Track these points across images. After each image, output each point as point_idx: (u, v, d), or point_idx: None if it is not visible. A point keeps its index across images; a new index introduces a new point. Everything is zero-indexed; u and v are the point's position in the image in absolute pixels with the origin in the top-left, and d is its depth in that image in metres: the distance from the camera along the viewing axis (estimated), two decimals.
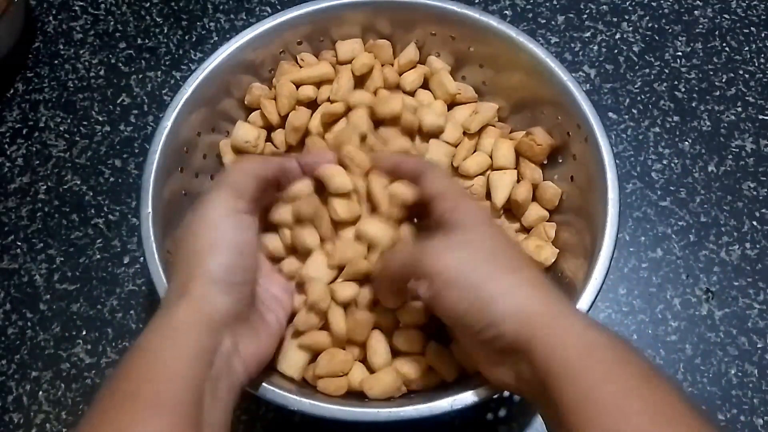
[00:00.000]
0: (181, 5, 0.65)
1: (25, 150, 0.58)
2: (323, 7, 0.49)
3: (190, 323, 0.32)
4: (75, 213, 0.56)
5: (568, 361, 0.30)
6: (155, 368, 0.31)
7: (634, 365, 0.30)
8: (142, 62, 0.62)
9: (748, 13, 0.64)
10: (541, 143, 0.47)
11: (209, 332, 0.32)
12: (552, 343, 0.31)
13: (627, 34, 0.63)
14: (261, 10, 0.64)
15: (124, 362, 0.32)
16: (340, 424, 0.38)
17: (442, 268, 0.34)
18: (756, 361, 0.50)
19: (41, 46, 0.63)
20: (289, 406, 0.38)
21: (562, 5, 0.64)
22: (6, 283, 0.53)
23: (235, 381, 0.34)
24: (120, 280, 0.53)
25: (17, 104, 0.60)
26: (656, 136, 0.58)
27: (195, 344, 0.32)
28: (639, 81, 0.61)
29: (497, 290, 0.33)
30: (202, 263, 0.34)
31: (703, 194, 0.56)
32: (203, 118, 0.47)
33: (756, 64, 0.61)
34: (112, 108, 0.60)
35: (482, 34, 0.49)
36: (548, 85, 0.47)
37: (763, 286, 0.53)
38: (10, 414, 0.49)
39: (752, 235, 0.54)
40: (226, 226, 0.35)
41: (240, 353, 0.34)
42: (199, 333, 0.32)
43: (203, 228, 0.35)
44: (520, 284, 0.33)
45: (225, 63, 0.47)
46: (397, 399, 0.41)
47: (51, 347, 0.51)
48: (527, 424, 0.48)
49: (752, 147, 0.58)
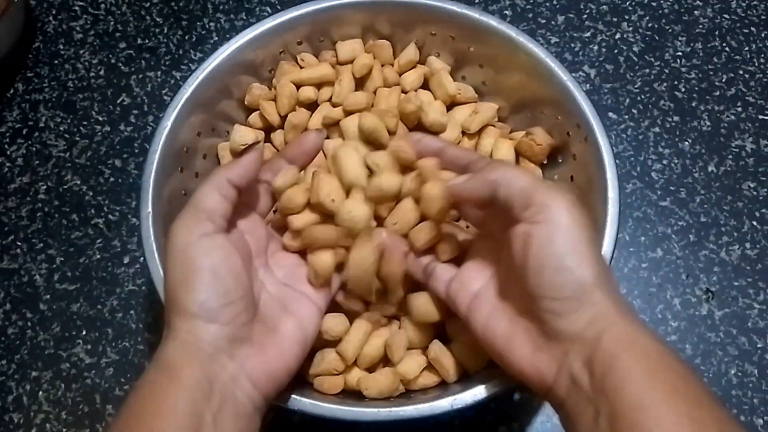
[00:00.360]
0: (181, 5, 0.65)
1: (25, 150, 0.58)
2: (323, 7, 0.49)
3: (182, 359, 0.31)
4: (75, 213, 0.56)
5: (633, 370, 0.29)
6: (151, 406, 0.30)
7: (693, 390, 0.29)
8: (142, 62, 0.62)
9: (748, 13, 0.64)
10: (541, 143, 0.47)
11: (202, 364, 0.31)
12: (621, 347, 0.29)
13: (627, 34, 0.63)
14: (261, 10, 0.64)
15: (125, 404, 0.31)
16: (340, 424, 0.38)
17: (559, 208, 0.32)
18: (756, 361, 0.50)
19: (41, 46, 0.63)
20: (289, 406, 0.38)
21: (562, 5, 0.64)
22: (6, 283, 0.53)
23: (241, 407, 0.32)
24: (120, 280, 0.53)
25: (17, 104, 0.60)
26: (656, 136, 0.58)
27: (189, 379, 0.31)
28: (639, 81, 0.61)
29: (590, 270, 0.31)
30: (178, 299, 0.33)
31: (703, 194, 0.56)
32: (203, 118, 0.47)
33: (756, 64, 0.61)
34: (112, 108, 0.60)
35: (482, 34, 0.49)
36: (548, 85, 0.47)
37: (763, 286, 0.53)
38: (10, 414, 0.49)
39: (752, 235, 0.54)
40: (195, 255, 0.33)
41: (247, 374, 0.33)
42: (191, 367, 0.31)
43: (171, 261, 0.34)
44: (607, 277, 0.32)
45: (225, 63, 0.47)
46: (397, 398, 0.41)
47: (51, 347, 0.51)
48: (527, 424, 0.48)
49: (752, 147, 0.58)
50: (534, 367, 0.32)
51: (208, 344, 0.32)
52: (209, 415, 0.31)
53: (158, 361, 0.32)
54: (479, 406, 0.37)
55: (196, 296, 0.32)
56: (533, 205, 0.32)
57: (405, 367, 0.41)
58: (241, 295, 0.34)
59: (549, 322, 0.31)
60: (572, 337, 0.31)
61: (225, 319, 0.33)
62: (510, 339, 0.34)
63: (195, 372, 0.31)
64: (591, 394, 0.29)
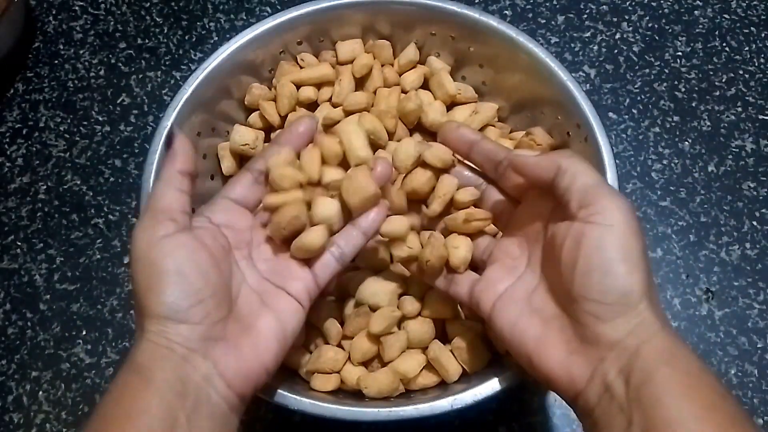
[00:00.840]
0: (181, 5, 0.65)
1: (25, 150, 0.58)
2: (323, 7, 0.49)
3: (153, 360, 0.31)
4: (75, 213, 0.56)
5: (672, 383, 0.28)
6: (123, 409, 0.30)
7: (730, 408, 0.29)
8: (142, 62, 0.62)
9: (748, 13, 0.64)
10: (541, 143, 0.47)
11: (174, 365, 0.31)
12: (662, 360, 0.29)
13: (627, 34, 0.63)
14: (261, 10, 0.64)
15: (98, 407, 0.31)
16: (340, 424, 0.38)
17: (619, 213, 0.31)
18: (756, 361, 0.50)
19: (41, 46, 0.63)
20: (289, 405, 0.38)
21: (562, 5, 0.64)
22: (6, 283, 0.53)
23: (216, 408, 0.32)
24: (120, 280, 0.53)
25: (17, 104, 0.60)
26: (656, 136, 0.58)
27: (161, 380, 0.30)
28: (639, 81, 0.61)
29: (639, 280, 0.30)
30: (146, 303, 0.32)
31: (703, 194, 0.56)
32: (203, 118, 0.47)
33: (756, 64, 0.61)
34: (112, 108, 0.60)
35: (482, 34, 0.49)
36: (548, 85, 0.47)
37: (763, 286, 0.53)
38: (10, 414, 0.49)
39: (752, 235, 0.54)
40: (158, 257, 0.32)
41: (220, 374, 0.32)
42: (163, 369, 0.31)
43: (135, 266, 0.33)
44: (653, 289, 0.31)
45: (225, 63, 0.47)
46: (397, 398, 0.41)
47: (51, 347, 0.51)
48: (527, 424, 0.48)
49: (752, 147, 0.58)
50: (565, 371, 0.32)
51: (180, 345, 0.31)
52: (183, 416, 0.30)
53: (130, 364, 0.31)
54: (479, 406, 0.37)
55: (163, 299, 0.31)
56: (592, 205, 0.32)
57: (405, 366, 0.41)
58: (211, 293, 0.33)
59: (589, 326, 0.31)
60: (611, 344, 0.30)
61: (196, 318, 0.32)
62: (542, 340, 0.33)
63: (167, 373, 0.30)
64: (625, 404, 0.29)
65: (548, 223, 0.35)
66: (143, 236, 0.33)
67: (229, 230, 0.37)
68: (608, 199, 0.32)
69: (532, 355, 0.33)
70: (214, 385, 0.32)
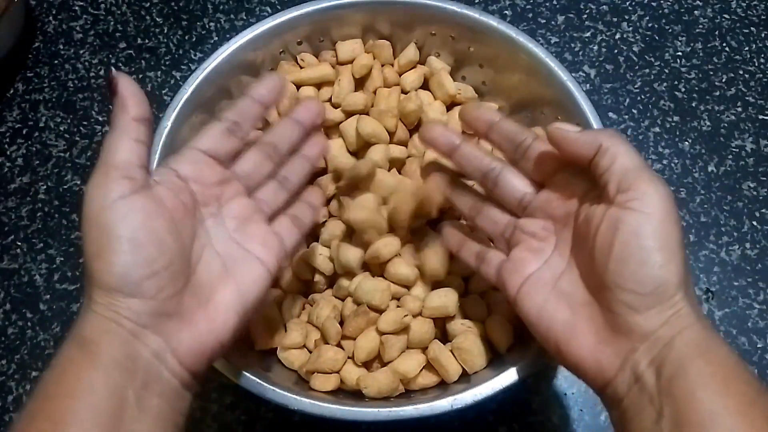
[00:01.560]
0: (181, 5, 0.65)
1: (25, 150, 0.58)
2: (323, 7, 0.49)
3: (100, 335, 0.29)
4: (75, 213, 0.56)
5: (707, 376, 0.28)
6: (66, 386, 0.28)
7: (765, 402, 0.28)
8: (142, 62, 0.62)
9: (748, 13, 0.64)
10: None
11: (122, 341, 0.29)
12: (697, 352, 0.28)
13: (627, 34, 0.63)
14: (261, 10, 0.64)
15: (39, 384, 0.29)
16: (340, 424, 0.38)
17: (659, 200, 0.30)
18: (756, 361, 0.50)
19: (41, 46, 0.63)
20: (289, 405, 0.38)
21: (562, 5, 0.64)
22: (6, 283, 0.53)
23: (167, 386, 0.30)
24: None
25: (17, 104, 0.60)
26: (656, 136, 0.58)
27: (107, 357, 0.28)
28: (639, 81, 0.61)
29: (676, 271, 0.29)
30: (94, 271, 0.29)
31: (703, 194, 0.56)
32: (203, 118, 0.47)
33: (756, 64, 0.61)
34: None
35: (482, 34, 0.49)
36: (548, 85, 0.47)
37: (763, 286, 0.53)
38: (10, 414, 0.49)
39: (752, 235, 0.54)
40: (110, 222, 0.29)
41: (172, 350, 0.30)
42: (110, 344, 0.28)
43: (85, 229, 0.30)
44: (689, 281, 0.30)
45: (225, 63, 0.47)
46: (397, 398, 0.41)
47: (51, 347, 0.51)
48: (527, 424, 0.48)
49: (752, 147, 0.58)
50: (595, 360, 0.31)
51: (129, 320, 0.29)
52: (132, 395, 0.28)
53: (74, 337, 0.29)
54: (479, 406, 0.38)
55: (114, 269, 0.29)
56: (631, 190, 0.30)
57: (404, 366, 0.41)
58: (167, 263, 0.30)
59: (622, 315, 0.30)
60: (644, 335, 0.29)
61: (148, 293, 0.29)
62: (571, 327, 0.32)
63: (114, 349, 0.28)
64: (655, 395, 0.28)
65: (581, 206, 0.34)
66: (95, 195, 0.30)
67: (196, 184, 0.34)
68: (648, 185, 0.30)
69: (560, 342, 0.32)
70: (166, 361, 0.30)
